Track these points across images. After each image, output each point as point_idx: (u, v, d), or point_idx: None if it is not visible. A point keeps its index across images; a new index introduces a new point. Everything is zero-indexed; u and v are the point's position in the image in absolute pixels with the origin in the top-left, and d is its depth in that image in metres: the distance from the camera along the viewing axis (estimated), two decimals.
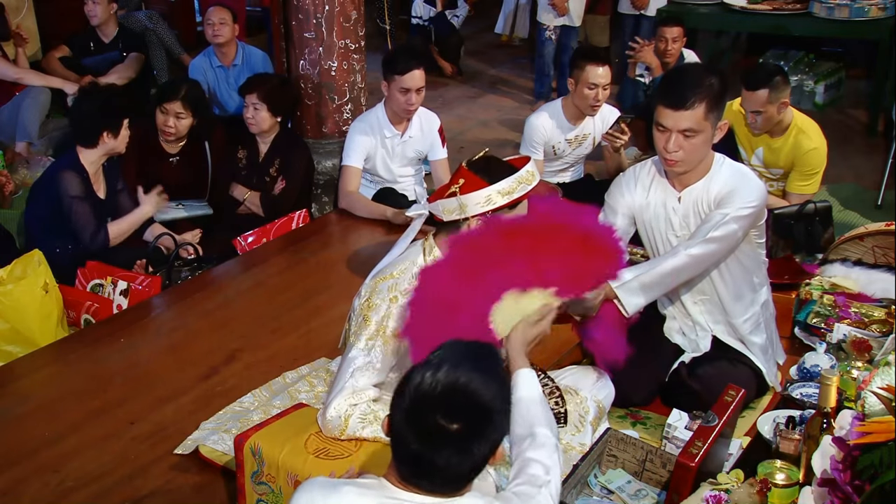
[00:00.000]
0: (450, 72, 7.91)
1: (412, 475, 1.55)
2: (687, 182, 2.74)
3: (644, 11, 6.69)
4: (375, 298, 2.26)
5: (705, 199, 2.72)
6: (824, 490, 1.88)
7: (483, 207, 2.22)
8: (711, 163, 2.73)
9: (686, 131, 2.58)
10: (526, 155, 2.39)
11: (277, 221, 4.15)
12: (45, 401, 2.85)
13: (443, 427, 1.49)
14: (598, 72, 4.22)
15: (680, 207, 2.76)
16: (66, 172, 3.75)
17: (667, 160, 2.65)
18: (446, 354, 1.56)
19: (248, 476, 2.22)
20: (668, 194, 2.78)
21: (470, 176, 2.25)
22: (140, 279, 3.57)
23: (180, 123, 4.24)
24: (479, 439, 1.52)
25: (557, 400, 2.49)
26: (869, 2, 5.98)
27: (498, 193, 2.21)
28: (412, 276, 2.25)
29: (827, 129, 4.26)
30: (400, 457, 1.55)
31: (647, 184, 2.82)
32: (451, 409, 1.50)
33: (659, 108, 2.61)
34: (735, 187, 2.67)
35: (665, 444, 2.68)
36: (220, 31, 5.11)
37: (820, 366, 2.89)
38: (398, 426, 1.53)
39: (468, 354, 1.57)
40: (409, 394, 1.52)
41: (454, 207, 2.25)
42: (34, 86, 5.26)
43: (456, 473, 1.53)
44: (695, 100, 2.55)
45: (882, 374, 2.16)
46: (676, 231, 2.79)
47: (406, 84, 4.05)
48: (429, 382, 1.51)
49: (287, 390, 2.82)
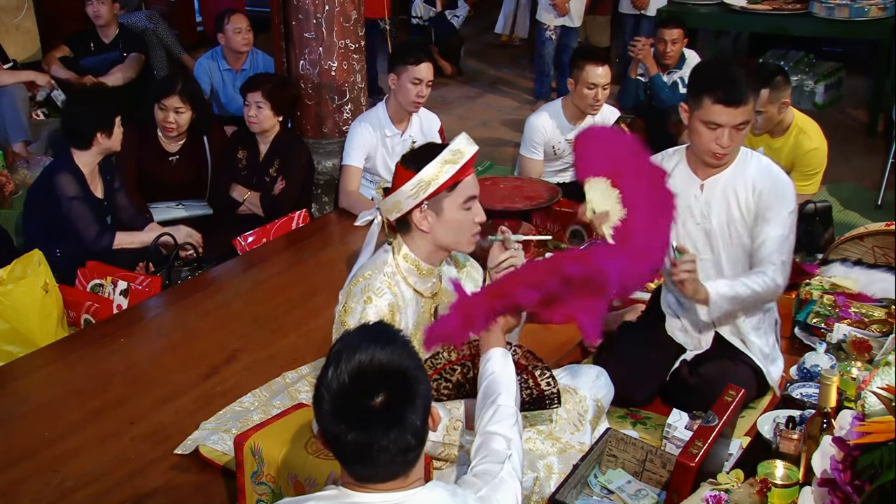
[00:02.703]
0: (450, 72, 7.91)
1: (363, 470, 1.55)
2: (710, 171, 2.77)
3: (644, 11, 6.69)
4: (350, 302, 2.26)
5: (732, 191, 2.75)
6: (824, 490, 1.88)
7: (415, 199, 2.21)
8: (736, 153, 2.77)
9: (740, 125, 2.63)
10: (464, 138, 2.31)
11: (277, 221, 4.15)
12: (45, 401, 2.85)
13: (369, 406, 1.49)
14: (597, 72, 4.22)
15: (702, 196, 2.79)
16: (61, 174, 3.73)
17: (716, 154, 2.68)
18: (340, 346, 1.56)
19: (248, 476, 2.22)
20: (691, 182, 2.81)
21: (400, 170, 2.25)
22: (140, 279, 3.57)
23: (181, 118, 4.24)
24: (406, 404, 1.52)
25: (549, 380, 2.48)
26: (869, 2, 5.98)
27: (424, 181, 2.19)
28: (384, 276, 2.26)
29: (827, 129, 4.26)
30: (345, 458, 1.55)
31: (669, 171, 2.82)
32: (367, 386, 1.50)
33: (712, 106, 2.62)
34: (773, 194, 2.71)
35: (665, 444, 2.68)
36: (248, 38, 5.26)
37: (820, 366, 2.89)
38: (331, 428, 1.53)
39: (360, 337, 1.57)
40: (326, 394, 1.52)
41: (391, 206, 2.26)
42: (6, 85, 5.23)
43: (402, 448, 1.52)
44: (749, 94, 2.62)
45: (882, 374, 2.16)
46: (696, 218, 2.82)
47: (419, 74, 4.07)
48: (336, 375, 1.51)
49: (287, 390, 2.82)
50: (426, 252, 2.32)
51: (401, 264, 2.31)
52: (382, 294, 2.24)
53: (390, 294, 2.26)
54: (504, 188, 3.85)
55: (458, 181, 2.23)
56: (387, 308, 2.24)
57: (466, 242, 2.32)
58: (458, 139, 2.26)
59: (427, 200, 2.22)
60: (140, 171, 4.32)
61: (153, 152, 4.33)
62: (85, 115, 3.76)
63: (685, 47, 5.51)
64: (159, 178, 4.35)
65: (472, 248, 2.37)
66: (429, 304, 2.39)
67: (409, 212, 2.25)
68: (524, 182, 3.99)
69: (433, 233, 2.27)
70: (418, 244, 2.31)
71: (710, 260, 2.84)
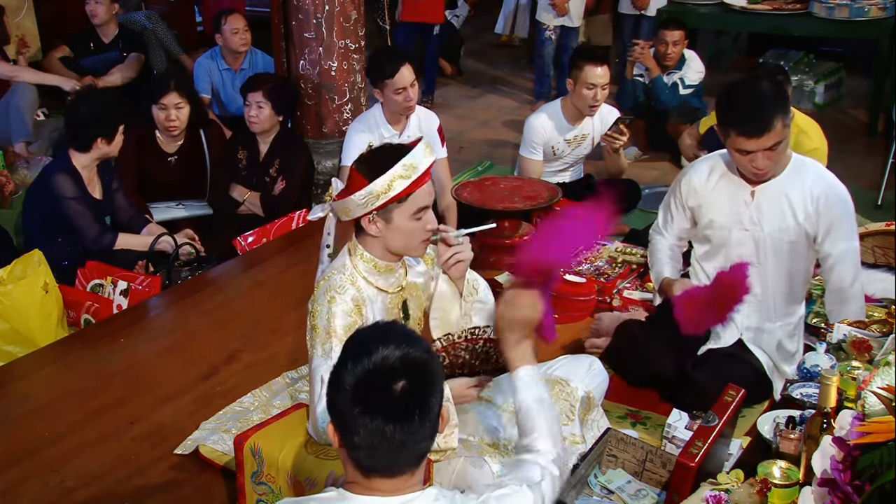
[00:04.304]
0: (450, 72, 7.91)
1: (375, 461, 1.53)
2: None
3: (644, 11, 6.69)
4: (316, 305, 2.25)
5: (786, 198, 2.74)
6: (824, 490, 1.88)
7: (364, 209, 2.18)
8: (788, 159, 2.76)
9: (772, 147, 2.61)
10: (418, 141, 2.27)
11: (277, 221, 4.15)
12: (45, 401, 2.85)
13: (392, 392, 1.50)
14: (596, 72, 4.21)
15: (753, 202, 2.78)
16: (59, 175, 3.73)
17: (756, 174, 2.69)
18: (358, 339, 1.58)
19: (248, 476, 2.22)
20: (740, 189, 2.80)
21: (354, 174, 2.22)
22: (140, 279, 3.57)
23: (181, 113, 4.24)
24: (427, 388, 1.53)
25: None
26: (869, 2, 5.98)
27: (374, 193, 2.15)
28: (344, 276, 2.26)
29: (827, 129, 4.25)
30: (364, 446, 1.52)
31: (717, 177, 2.84)
32: (389, 377, 1.50)
33: (737, 138, 2.62)
34: (830, 206, 2.72)
35: (665, 444, 2.68)
36: (246, 39, 5.24)
37: (820, 366, 2.88)
38: (353, 420, 1.51)
39: (377, 332, 1.58)
40: (348, 380, 1.51)
41: (341, 209, 2.24)
42: (20, 83, 5.25)
43: (418, 439, 1.53)
44: (774, 119, 2.57)
45: (882, 374, 2.16)
46: (745, 225, 2.81)
47: (399, 84, 4.02)
48: (358, 363, 1.51)
49: (287, 390, 2.82)
50: (380, 252, 2.30)
51: (359, 265, 2.29)
52: (344, 290, 2.23)
53: (353, 289, 2.25)
54: (504, 188, 3.85)
55: (411, 193, 2.19)
56: (351, 302, 2.23)
57: (416, 248, 2.29)
58: (417, 150, 2.19)
59: (377, 211, 2.20)
60: (139, 172, 4.32)
61: (152, 153, 4.33)
62: (89, 118, 3.76)
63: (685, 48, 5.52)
64: (159, 179, 4.35)
65: (422, 254, 2.35)
66: (396, 299, 2.37)
67: (359, 218, 2.23)
68: (524, 182, 3.99)
69: (382, 238, 2.25)
70: (371, 246, 2.29)
71: (756, 270, 2.78)
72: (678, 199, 2.96)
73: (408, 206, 2.20)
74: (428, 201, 2.25)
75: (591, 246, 2.78)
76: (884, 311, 3.17)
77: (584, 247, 2.56)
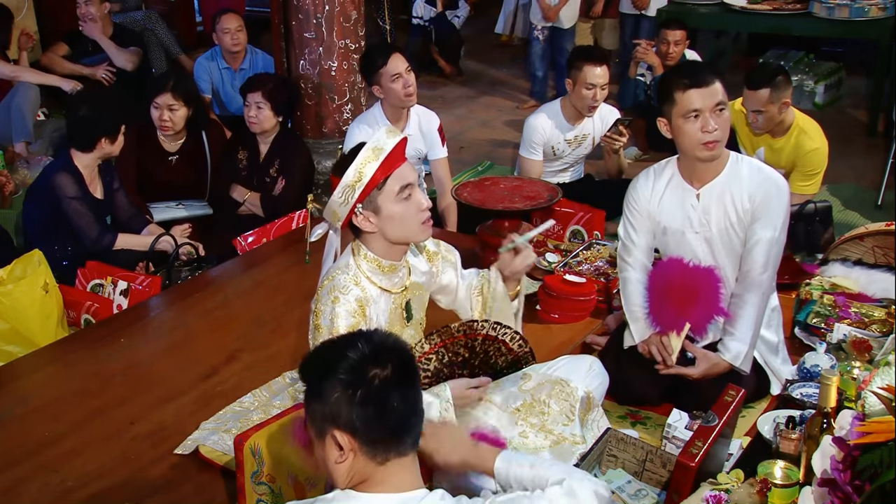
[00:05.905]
0: (450, 72, 7.91)
1: (389, 436, 1.57)
2: (705, 179, 2.79)
3: (645, 11, 6.69)
4: (320, 305, 2.26)
5: (729, 196, 2.77)
6: (824, 490, 1.88)
7: (347, 205, 2.19)
8: (727, 159, 2.79)
9: (718, 105, 2.66)
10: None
11: (277, 221, 4.15)
12: (45, 401, 2.85)
13: (382, 375, 1.56)
14: (595, 72, 4.21)
15: (699, 204, 2.81)
16: (60, 175, 3.74)
17: (707, 144, 2.69)
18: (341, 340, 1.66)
19: (248, 476, 2.22)
20: (687, 193, 2.83)
21: (332, 179, 2.25)
22: (140, 279, 3.57)
23: (175, 115, 4.24)
24: (412, 373, 1.62)
25: (521, 342, 2.48)
26: (869, 2, 5.98)
27: (348, 185, 2.16)
28: (349, 276, 2.26)
29: (827, 129, 4.26)
30: (375, 428, 1.56)
31: (663, 185, 2.87)
32: (380, 359, 1.57)
33: (683, 95, 2.67)
34: (765, 196, 2.73)
35: (665, 444, 2.68)
36: (238, 39, 5.22)
37: (820, 366, 2.89)
38: (347, 404, 1.55)
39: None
40: (342, 375, 1.56)
41: (330, 216, 2.26)
42: (22, 84, 5.25)
43: (414, 410, 1.61)
44: (715, 76, 2.69)
45: (882, 374, 2.16)
46: (696, 228, 2.83)
47: (394, 70, 3.98)
48: (351, 355, 1.58)
49: (287, 390, 2.82)
50: (383, 249, 2.30)
51: (363, 266, 2.30)
52: (348, 291, 2.24)
53: (357, 289, 2.25)
54: (504, 188, 3.85)
55: (388, 175, 2.19)
56: (355, 303, 2.24)
57: (418, 231, 2.28)
58: (379, 133, 2.20)
59: (359, 203, 2.20)
60: (140, 171, 4.32)
61: (153, 152, 4.33)
62: (92, 118, 3.76)
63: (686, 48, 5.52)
64: (159, 178, 4.35)
65: (427, 236, 2.34)
66: (399, 299, 2.38)
67: (348, 217, 2.24)
68: (524, 182, 3.98)
69: (380, 231, 2.25)
70: (373, 243, 2.29)
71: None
72: (634, 209, 2.92)
73: (388, 188, 2.20)
74: (411, 178, 2.24)
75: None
76: (884, 311, 3.17)
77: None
